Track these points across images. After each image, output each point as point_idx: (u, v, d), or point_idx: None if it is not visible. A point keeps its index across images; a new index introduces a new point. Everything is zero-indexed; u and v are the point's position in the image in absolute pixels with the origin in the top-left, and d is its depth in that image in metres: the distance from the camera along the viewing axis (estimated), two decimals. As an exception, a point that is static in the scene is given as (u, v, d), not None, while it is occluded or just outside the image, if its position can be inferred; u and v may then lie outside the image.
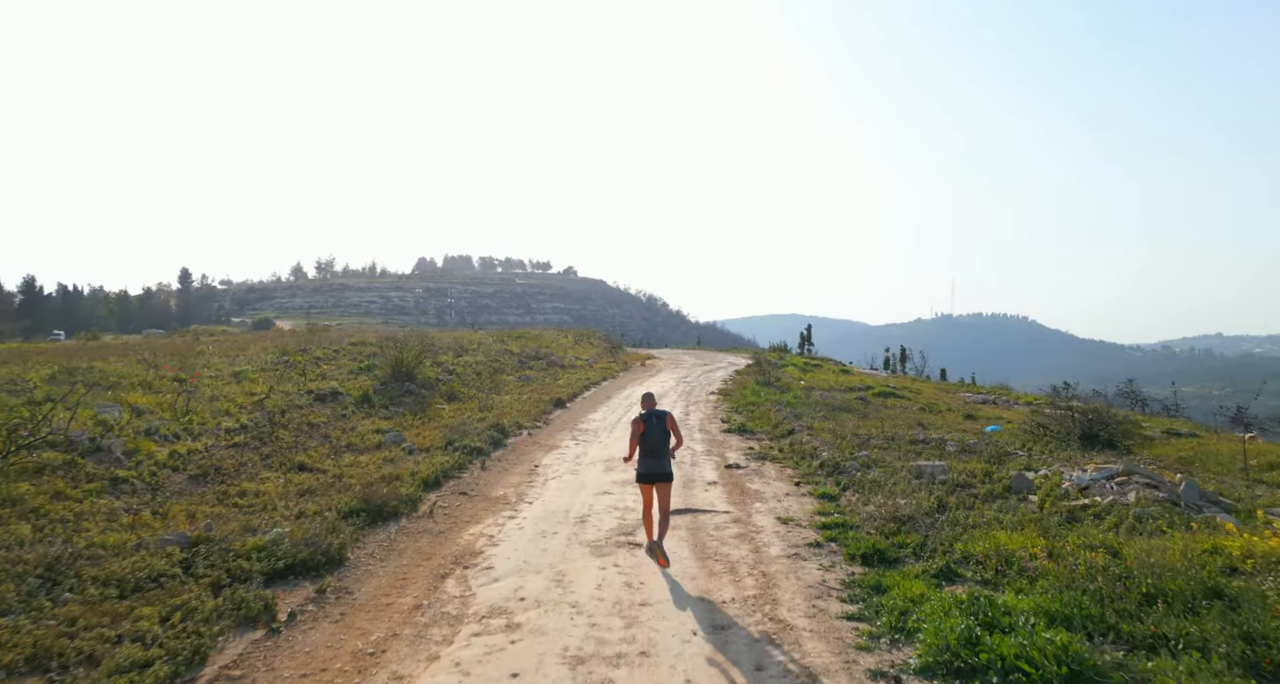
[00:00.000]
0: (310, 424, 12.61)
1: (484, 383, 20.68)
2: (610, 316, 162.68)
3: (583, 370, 27.58)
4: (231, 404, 12.41)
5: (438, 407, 16.53)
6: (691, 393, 21.82)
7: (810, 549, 7.26)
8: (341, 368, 18.19)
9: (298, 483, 9.28)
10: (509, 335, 36.05)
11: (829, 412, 17.07)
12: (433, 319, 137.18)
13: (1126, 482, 8.83)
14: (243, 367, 15.75)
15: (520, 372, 24.29)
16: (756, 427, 14.93)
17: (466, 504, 9.23)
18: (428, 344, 22.96)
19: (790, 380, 23.61)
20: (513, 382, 21.85)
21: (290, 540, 6.94)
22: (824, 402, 18.73)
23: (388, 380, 17.37)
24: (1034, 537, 6.80)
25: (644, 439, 6.91)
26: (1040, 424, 13.81)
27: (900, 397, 21.74)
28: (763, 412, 16.75)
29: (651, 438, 6.90)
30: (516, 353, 28.48)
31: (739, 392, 21.16)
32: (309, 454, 10.91)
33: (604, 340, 43.95)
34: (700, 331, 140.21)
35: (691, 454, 12.42)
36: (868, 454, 11.25)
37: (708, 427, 15.45)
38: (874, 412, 17.74)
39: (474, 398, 18.18)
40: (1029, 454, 11.98)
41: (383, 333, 26.03)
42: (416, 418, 14.78)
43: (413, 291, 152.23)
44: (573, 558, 7.19)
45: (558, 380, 23.40)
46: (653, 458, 6.86)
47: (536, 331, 40.55)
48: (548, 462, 11.90)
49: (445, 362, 22.23)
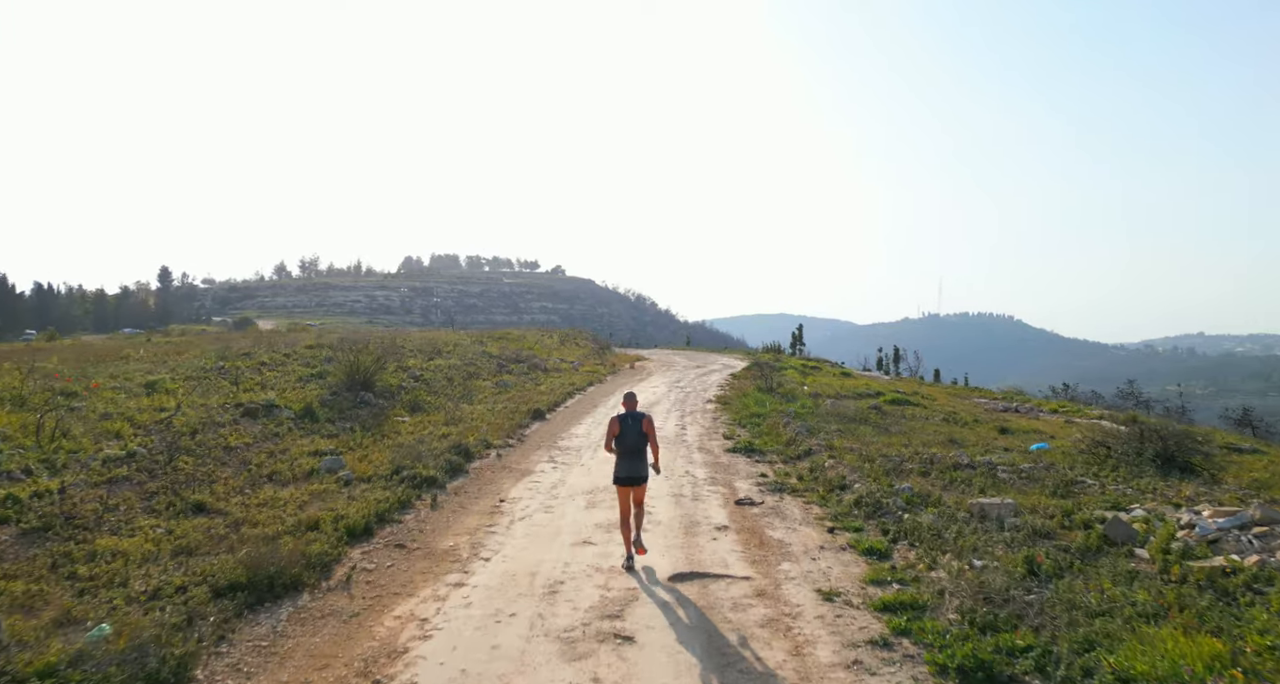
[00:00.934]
0: (228, 448, 10.27)
1: (455, 390, 18.36)
2: (599, 316, 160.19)
3: (567, 374, 25.29)
4: (126, 424, 10.03)
5: (397, 420, 14.22)
6: (686, 400, 19.60)
7: (875, 652, 5.02)
8: (289, 375, 15.82)
9: (179, 535, 6.96)
10: (490, 336, 33.66)
11: (844, 424, 14.91)
12: (418, 319, 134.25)
13: (1270, 534, 6.69)
14: (162, 375, 13.33)
15: (498, 376, 21.98)
16: (766, 444, 12.72)
17: (402, 563, 6.95)
18: (391, 347, 20.58)
19: (793, 386, 21.44)
20: (488, 388, 19.55)
21: (110, 650, 4.65)
22: (835, 412, 16.57)
23: (340, 390, 15.02)
24: (1206, 642, 4.61)
25: (620, 441, 6.84)
26: (1100, 443, 11.73)
27: (915, 404, 19.65)
28: (770, 425, 14.55)
29: (628, 440, 6.80)
30: (496, 355, 26.14)
31: (739, 399, 18.96)
32: (214, 489, 8.59)
33: (591, 341, 41.67)
34: (689, 331, 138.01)
35: (692, 483, 10.19)
36: (910, 488, 9.05)
37: (708, 444, 13.23)
38: (894, 423, 15.60)
39: (442, 408, 15.88)
40: (1100, 484, 9.85)
41: (344, 334, 23.57)
42: (368, 435, 12.47)
43: (398, 291, 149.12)
44: (535, 663, 4.95)
45: (539, 386, 21.11)
46: (630, 460, 6.77)
47: (519, 332, 38.18)
48: (517, 494, 9.63)
49: (413, 366, 19.86)
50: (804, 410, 16.51)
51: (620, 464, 6.80)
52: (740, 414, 16.41)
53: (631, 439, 6.79)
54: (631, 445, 6.78)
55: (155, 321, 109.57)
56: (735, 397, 19.68)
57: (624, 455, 6.80)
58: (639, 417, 6.90)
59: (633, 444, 6.78)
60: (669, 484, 10.08)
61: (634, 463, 6.76)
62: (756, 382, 21.13)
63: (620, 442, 6.82)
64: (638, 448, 6.80)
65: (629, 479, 6.76)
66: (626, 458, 6.78)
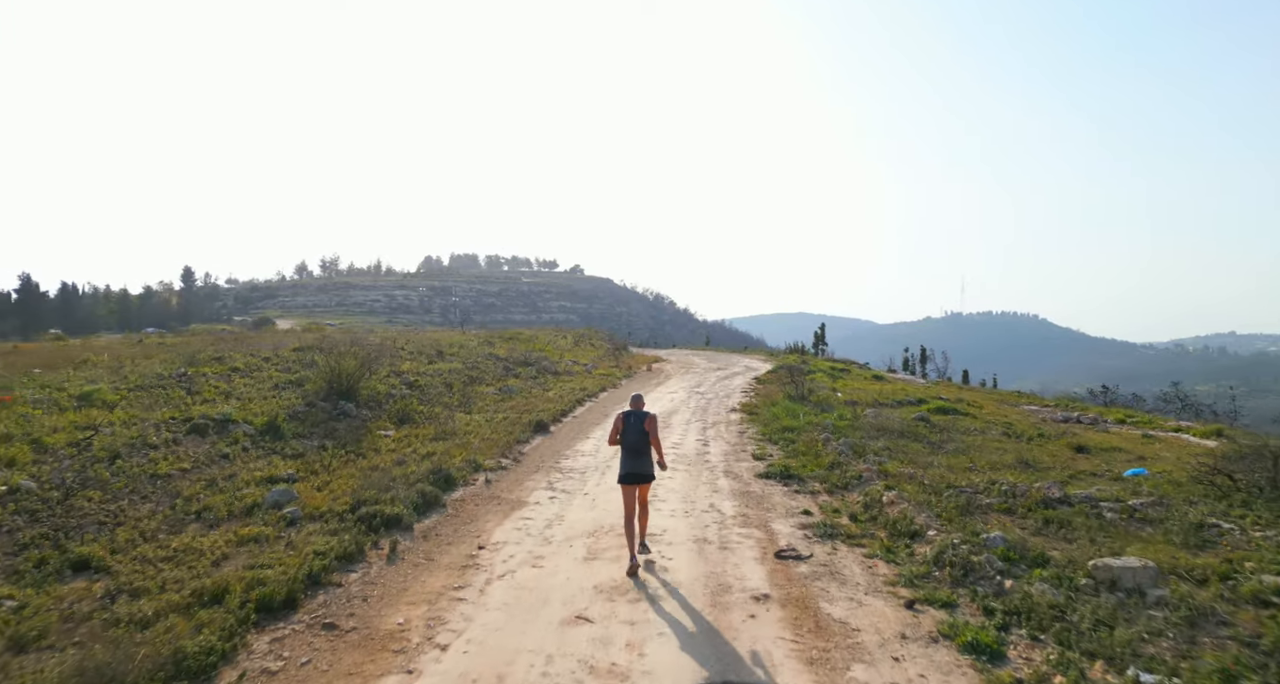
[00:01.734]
0: (156, 476, 8.45)
1: (453, 398, 16.51)
2: (617, 315, 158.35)
3: (579, 378, 23.39)
4: (26, 448, 8.23)
5: (379, 434, 12.38)
6: (708, 409, 17.57)
7: None
8: (261, 383, 14.04)
9: (27, 615, 5.11)
10: (500, 336, 31.83)
11: (892, 440, 12.81)
12: (437, 318, 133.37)
13: None
14: (101, 385, 11.55)
15: (502, 381, 20.11)
16: (804, 468, 10.66)
17: (323, 657, 5.02)
18: (383, 350, 18.78)
19: (826, 392, 19.31)
20: (490, 395, 17.68)
21: None
22: (879, 424, 14.45)
23: (317, 399, 13.21)
24: None
25: (623, 437, 6.88)
26: (1217, 469, 9.53)
27: (963, 413, 17.45)
28: (806, 442, 12.48)
29: (630, 437, 6.85)
30: (503, 357, 24.29)
31: (767, 408, 16.90)
32: (115, 536, 6.76)
33: (607, 341, 39.78)
34: (708, 330, 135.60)
35: (719, 522, 8.19)
36: (1002, 537, 6.96)
37: (735, 466, 11.21)
38: (948, 439, 13.46)
39: (434, 420, 14.03)
40: (1239, 528, 7.69)
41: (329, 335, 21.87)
42: (340, 454, 10.64)
43: (417, 290, 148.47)
44: None
45: (546, 392, 19.21)
46: (634, 458, 6.80)
47: (531, 332, 36.35)
48: (501, 537, 7.70)
49: (407, 371, 18.03)
50: (843, 423, 14.41)
51: (624, 462, 6.82)
52: (770, 427, 14.35)
53: (633, 437, 6.83)
54: (633, 443, 6.82)
55: (178, 321, 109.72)
56: (762, 405, 17.61)
57: (627, 453, 6.82)
58: (643, 415, 6.92)
59: (635, 442, 6.82)
60: (690, 523, 8.10)
61: (638, 461, 6.78)
62: (785, 388, 19.02)
63: (624, 438, 6.86)
64: (641, 446, 6.82)
65: (633, 476, 6.75)
66: (630, 456, 6.81)
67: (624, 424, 6.90)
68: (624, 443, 6.87)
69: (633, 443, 6.82)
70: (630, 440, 6.83)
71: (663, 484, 9.98)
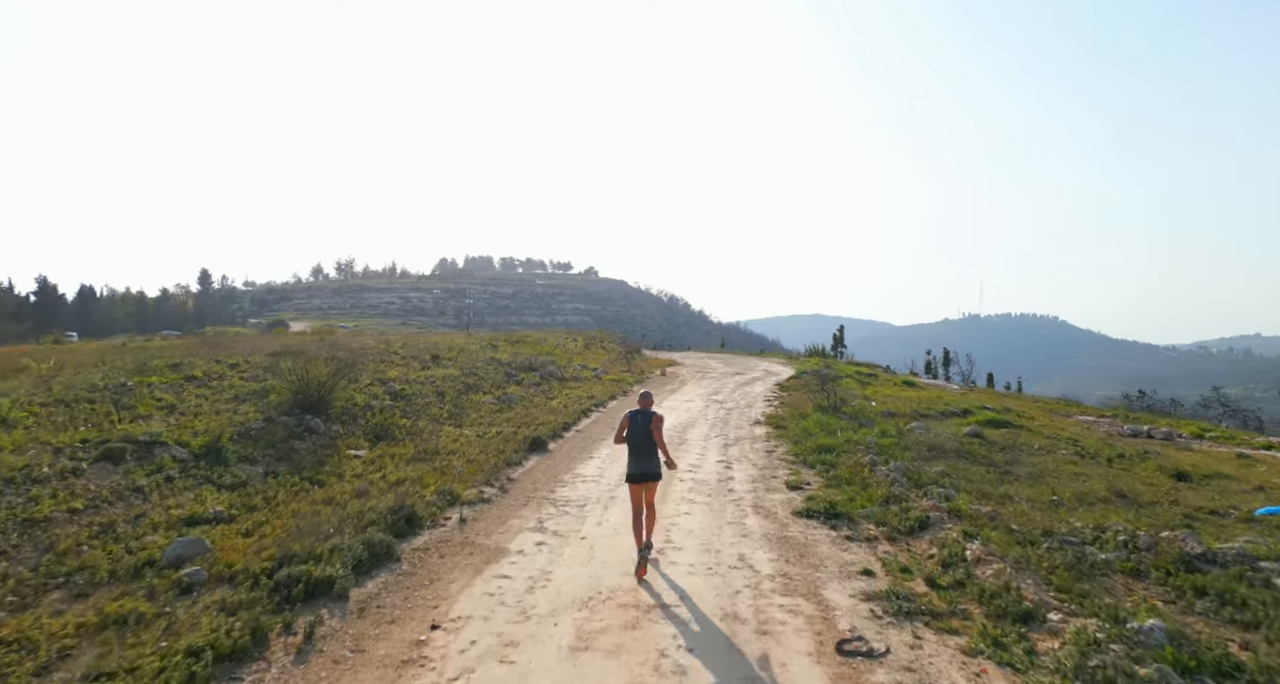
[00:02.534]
0: (33, 521, 6.60)
1: (443, 409, 14.64)
2: (631, 317, 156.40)
3: (586, 384, 21.45)
4: None
5: (349, 455, 10.53)
6: (728, 421, 15.55)
7: None
8: (219, 394, 12.22)
9: None
10: (506, 339, 29.97)
11: (949, 462, 10.74)
12: (451, 320, 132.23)
13: None
14: (5, 401, 9.69)
15: (502, 389, 18.22)
16: (852, 503, 8.59)
17: None
18: (359, 355, 16.95)
19: (860, 402, 17.20)
20: (486, 406, 15.79)
21: None
22: (927, 442, 12.37)
23: (276, 415, 11.37)
24: None
25: (630, 437, 6.79)
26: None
27: (1017, 427, 15.31)
28: (850, 466, 10.42)
29: (636, 437, 6.74)
30: (505, 363, 22.42)
31: (795, 421, 14.85)
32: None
33: (619, 344, 37.83)
34: (723, 332, 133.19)
35: (752, 586, 6.16)
36: (1161, 627, 4.91)
37: (767, 499, 9.19)
38: (1014, 460, 11.36)
39: (416, 435, 12.16)
40: None
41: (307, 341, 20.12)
42: (290, 483, 8.77)
43: (431, 293, 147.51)
44: None
45: (550, 401, 17.30)
46: (641, 457, 6.69)
47: (540, 335, 34.46)
48: (464, 610, 5.74)
49: (394, 378, 16.17)
50: (887, 441, 12.34)
51: (631, 460, 6.75)
52: (803, 445, 12.31)
53: (640, 437, 6.75)
54: (640, 443, 6.72)
55: (193, 323, 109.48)
56: (790, 416, 15.57)
57: (634, 452, 6.75)
58: (649, 415, 6.82)
59: (641, 441, 6.73)
60: (714, 586, 6.10)
61: (645, 460, 6.70)
62: (815, 397, 16.93)
63: (630, 438, 6.79)
64: (647, 445, 6.72)
65: (641, 475, 6.68)
66: (637, 455, 6.73)
67: (631, 423, 6.82)
68: (630, 442, 6.78)
69: (639, 442, 6.73)
70: (637, 440, 6.75)
71: (678, 523, 8.02)
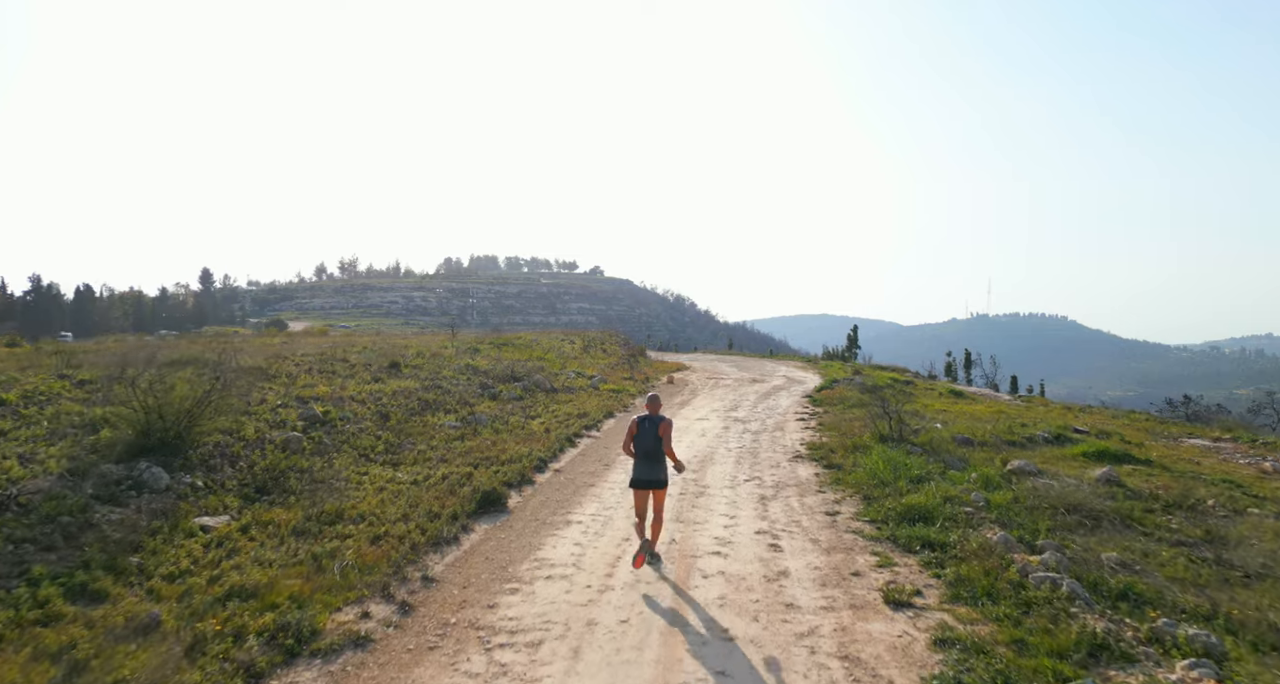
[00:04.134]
0: None
1: (379, 440, 10.82)
2: (637, 317, 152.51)
3: (580, 397, 17.62)
4: None
5: (191, 527, 6.74)
6: (759, 454, 11.65)
7: None
8: (30, 427, 8.42)
9: None
10: (493, 341, 26.09)
11: (1120, 540, 6.86)
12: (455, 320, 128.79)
13: None
14: None
15: (473, 406, 14.39)
16: (1029, 660, 4.73)
17: None
18: (268, 365, 13.10)
19: (927, 425, 13.25)
20: (443, 431, 11.94)
21: None
22: (1054, 497, 8.47)
23: (98, 462, 7.55)
24: None
25: (637, 444, 6.54)
26: None
27: (1140, 460, 11.40)
28: (976, 555, 6.47)
29: (644, 442, 6.49)
30: (484, 371, 18.57)
31: (850, 455, 10.92)
32: None
33: (622, 346, 33.97)
34: (730, 332, 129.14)
35: None
36: None
37: (858, 640, 5.27)
38: (1214, 534, 7.46)
39: (321, 486, 8.35)
40: None
41: (204, 351, 16.34)
42: (31, 607, 5.01)
43: (434, 292, 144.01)
44: None
45: (530, 422, 13.46)
46: (647, 464, 6.46)
47: (532, 336, 30.61)
48: None
49: (320, 397, 12.30)
50: (999, 496, 8.42)
51: (637, 467, 6.49)
52: (879, 504, 8.31)
53: (648, 443, 6.45)
54: (648, 449, 6.45)
55: (193, 323, 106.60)
56: (840, 446, 11.67)
57: (642, 459, 6.49)
58: (657, 421, 6.51)
59: (650, 448, 6.45)
60: None
61: (652, 466, 6.44)
62: (875, 421, 12.94)
63: (638, 445, 6.50)
64: (655, 451, 6.46)
65: (646, 482, 6.42)
66: (644, 461, 6.47)
67: (638, 430, 6.50)
68: (637, 448, 6.50)
69: (647, 449, 6.46)
70: (645, 446, 6.46)
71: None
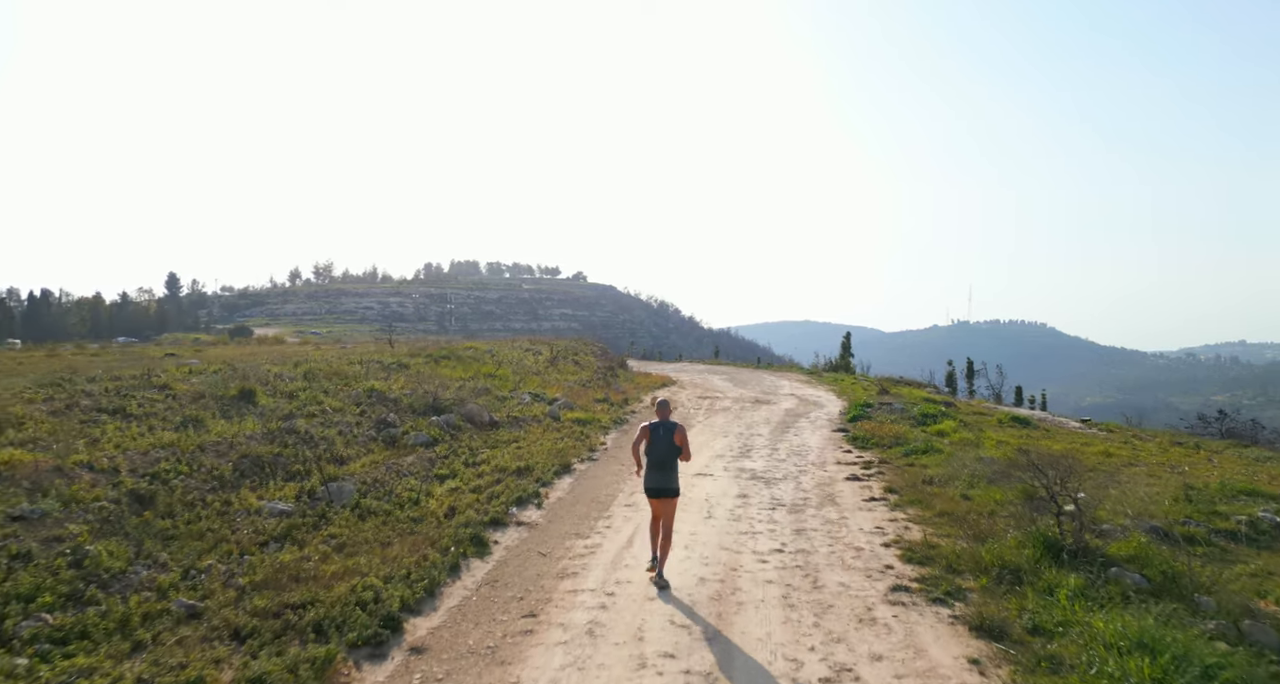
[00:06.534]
0: None
1: (79, 562, 5.32)
2: (620, 323, 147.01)
3: (529, 436, 12.14)
4: None
5: None
6: (817, 574, 6.26)
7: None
8: None
9: None
10: (431, 353, 20.24)
11: None
12: (433, 326, 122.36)
13: None
14: None
15: (340, 464, 8.87)
16: None
17: None
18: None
19: (1108, 515, 8.01)
20: (253, 527, 6.42)
21: None
22: None
23: None
24: None
25: (650, 451, 6.36)
26: None
27: None
28: None
29: (658, 449, 6.30)
30: (392, 399, 12.91)
31: (994, 583, 5.63)
32: None
33: (598, 357, 28.42)
34: (715, 339, 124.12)
35: None
36: None
37: None
38: None
39: None
40: None
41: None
42: None
43: (411, 298, 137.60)
44: None
45: (425, 499, 8.00)
46: (660, 472, 6.31)
47: (486, 346, 24.94)
48: None
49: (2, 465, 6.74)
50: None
51: (649, 475, 6.34)
52: None
53: (662, 450, 6.28)
54: (660, 457, 6.28)
55: (154, 330, 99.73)
56: (961, 556, 6.34)
57: (653, 467, 6.32)
58: (671, 427, 6.36)
59: (663, 456, 6.27)
60: None
61: (664, 475, 6.28)
62: (1036, 519, 7.56)
63: (650, 454, 6.33)
64: (668, 460, 6.29)
65: (659, 491, 6.29)
66: (656, 469, 6.31)
67: (652, 436, 6.35)
68: (651, 456, 6.31)
69: (660, 456, 6.27)
70: (658, 454, 6.27)
71: None
